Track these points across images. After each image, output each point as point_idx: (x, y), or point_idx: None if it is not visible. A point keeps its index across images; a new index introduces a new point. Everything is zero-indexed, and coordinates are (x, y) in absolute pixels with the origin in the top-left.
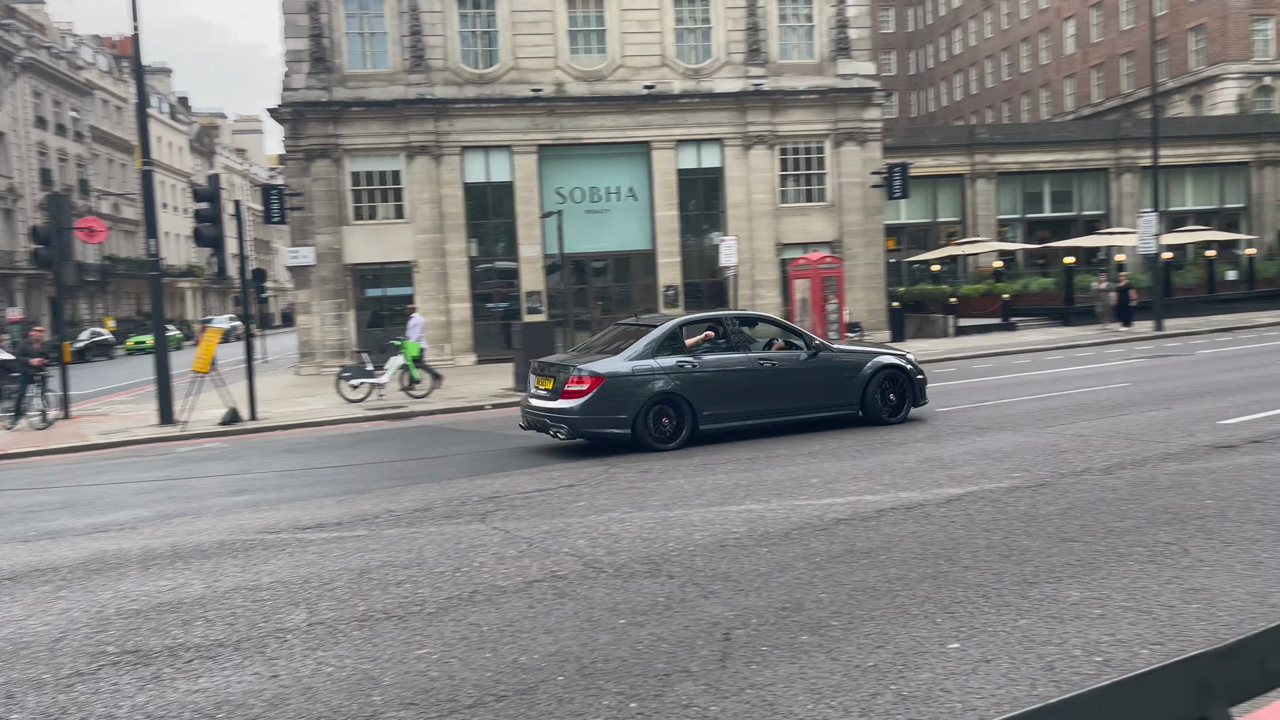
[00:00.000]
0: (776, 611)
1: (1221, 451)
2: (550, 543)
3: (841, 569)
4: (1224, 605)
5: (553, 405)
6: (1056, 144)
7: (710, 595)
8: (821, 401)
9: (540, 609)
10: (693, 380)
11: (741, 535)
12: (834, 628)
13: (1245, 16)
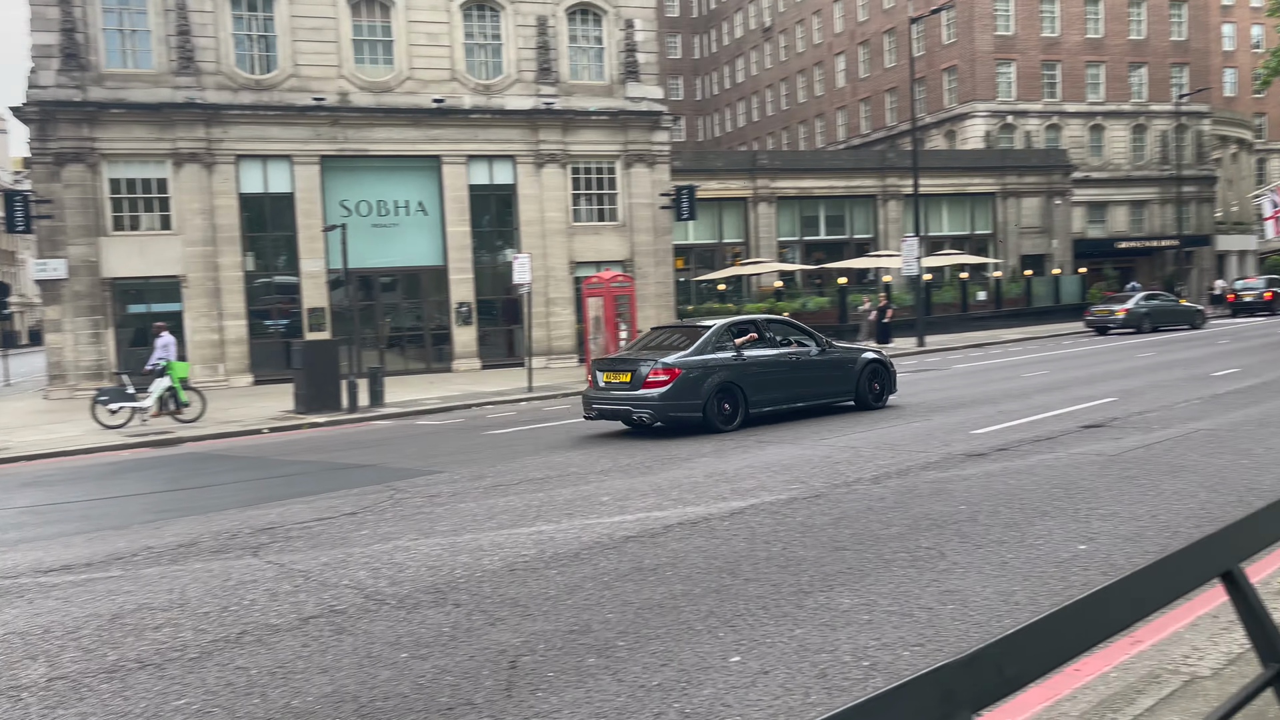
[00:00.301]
0: (564, 635)
1: (974, 459)
2: (329, 575)
3: (629, 587)
4: (976, 605)
5: (636, 394)
6: (830, 171)
7: (497, 622)
8: (829, 389)
9: (316, 647)
10: (744, 372)
11: (531, 558)
12: (620, 648)
13: (991, 60)
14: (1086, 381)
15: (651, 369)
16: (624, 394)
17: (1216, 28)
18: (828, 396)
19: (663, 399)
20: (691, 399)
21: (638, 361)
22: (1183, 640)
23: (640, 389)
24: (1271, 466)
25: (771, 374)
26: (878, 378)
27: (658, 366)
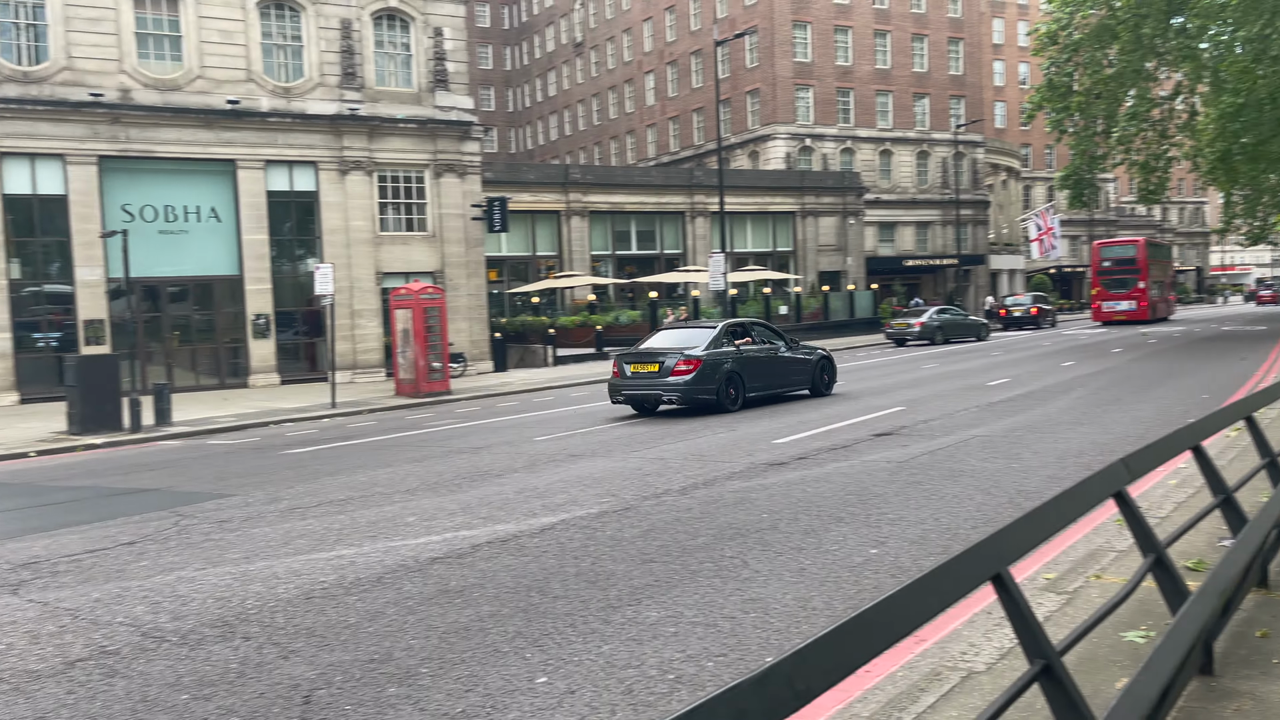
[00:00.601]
0: (363, 665)
1: (775, 468)
2: (101, 613)
3: (435, 611)
4: (776, 612)
5: (665, 380)
6: (641, 187)
7: (291, 655)
8: (796, 380)
9: (83, 693)
10: (744, 364)
11: (330, 584)
12: (424, 675)
13: (790, 85)
14: (878, 392)
15: (679, 360)
16: (652, 380)
17: (989, 64)
18: (794, 386)
19: (687, 384)
20: (709, 385)
21: (664, 354)
22: (961, 637)
23: (669, 376)
24: (1038, 469)
25: (761, 366)
26: (826, 371)
27: (683, 358)
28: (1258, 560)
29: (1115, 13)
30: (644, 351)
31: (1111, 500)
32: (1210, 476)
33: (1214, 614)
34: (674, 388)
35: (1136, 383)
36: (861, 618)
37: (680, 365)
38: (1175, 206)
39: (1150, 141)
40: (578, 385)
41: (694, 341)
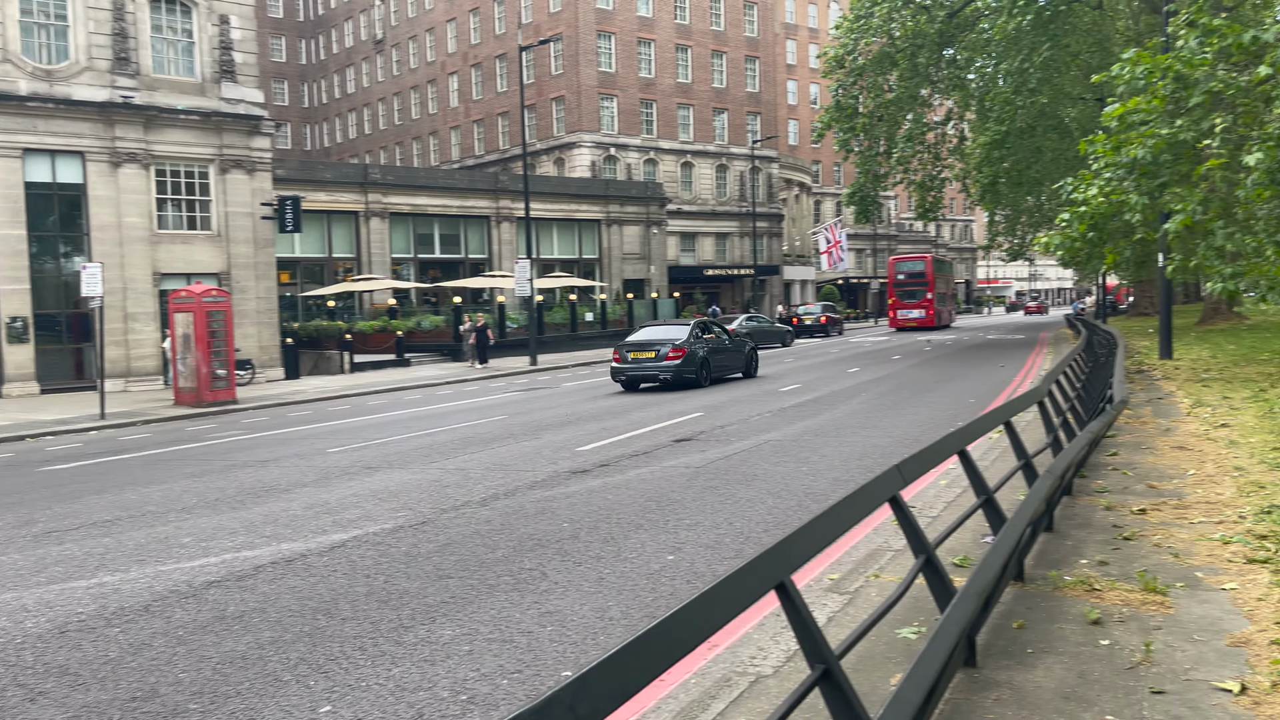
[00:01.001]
0: (124, 704)
1: (578, 476)
2: None
3: (209, 640)
4: (574, 625)
5: (660, 363)
6: (445, 190)
7: (39, 697)
8: (736, 366)
9: None
10: (710, 351)
11: (89, 615)
12: (193, 712)
13: (595, 94)
14: (679, 398)
15: (670, 349)
16: (650, 364)
17: (783, 83)
18: (736, 370)
19: (677, 367)
20: (691, 367)
21: (658, 344)
22: (751, 641)
23: (663, 360)
24: (825, 472)
25: (719, 354)
26: (753, 360)
27: (674, 347)
28: (1015, 556)
29: (895, 42)
30: (641, 343)
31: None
32: (974, 479)
33: (977, 610)
34: (667, 369)
35: (914, 388)
36: (643, 639)
37: (671, 353)
38: (948, 223)
39: (926, 163)
40: (376, 393)
41: (675, 335)
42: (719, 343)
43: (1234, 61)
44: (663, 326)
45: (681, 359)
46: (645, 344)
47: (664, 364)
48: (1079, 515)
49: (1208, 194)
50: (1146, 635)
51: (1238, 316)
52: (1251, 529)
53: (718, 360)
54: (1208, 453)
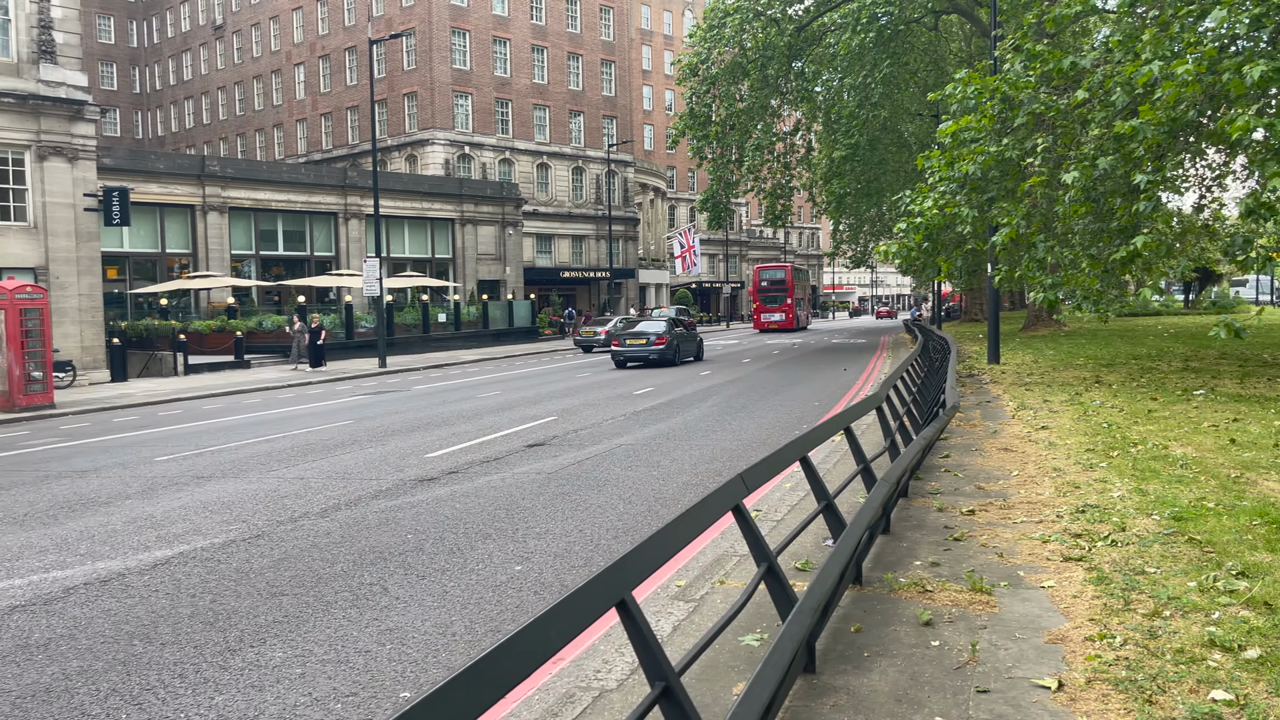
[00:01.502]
0: None
1: (425, 485)
2: None
3: (9, 672)
4: (414, 642)
5: (649, 347)
6: (289, 184)
7: None
8: (691, 351)
9: None
10: (681, 339)
11: None
12: None
13: (449, 91)
14: (533, 401)
15: (657, 337)
16: (641, 348)
17: (638, 89)
18: (690, 354)
19: (661, 350)
20: (670, 351)
21: (647, 334)
22: (597, 653)
23: (652, 345)
24: (675, 475)
25: (685, 341)
26: (701, 346)
27: (659, 336)
28: (853, 561)
29: (746, 53)
30: (635, 333)
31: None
32: (815, 485)
33: (816, 618)
34: (654, 351)
35: (762, 391)
36: (480, 664)
37: (657, 340)
38: (796, 230)
39: (775, 171)
40: (212, 397)
41: (659, 329)
42: (684, 334)
43: (1054, 85)
44: (648, 322)
45: (665, 345)
46: (638, 334)
47: (652, 348)
48: (914, 517)
49: (1030, 209)
50: (973, 635)
51: (1057, 324)
52: (1068, 528)
53: (684, 347)
54: (1030, 454)
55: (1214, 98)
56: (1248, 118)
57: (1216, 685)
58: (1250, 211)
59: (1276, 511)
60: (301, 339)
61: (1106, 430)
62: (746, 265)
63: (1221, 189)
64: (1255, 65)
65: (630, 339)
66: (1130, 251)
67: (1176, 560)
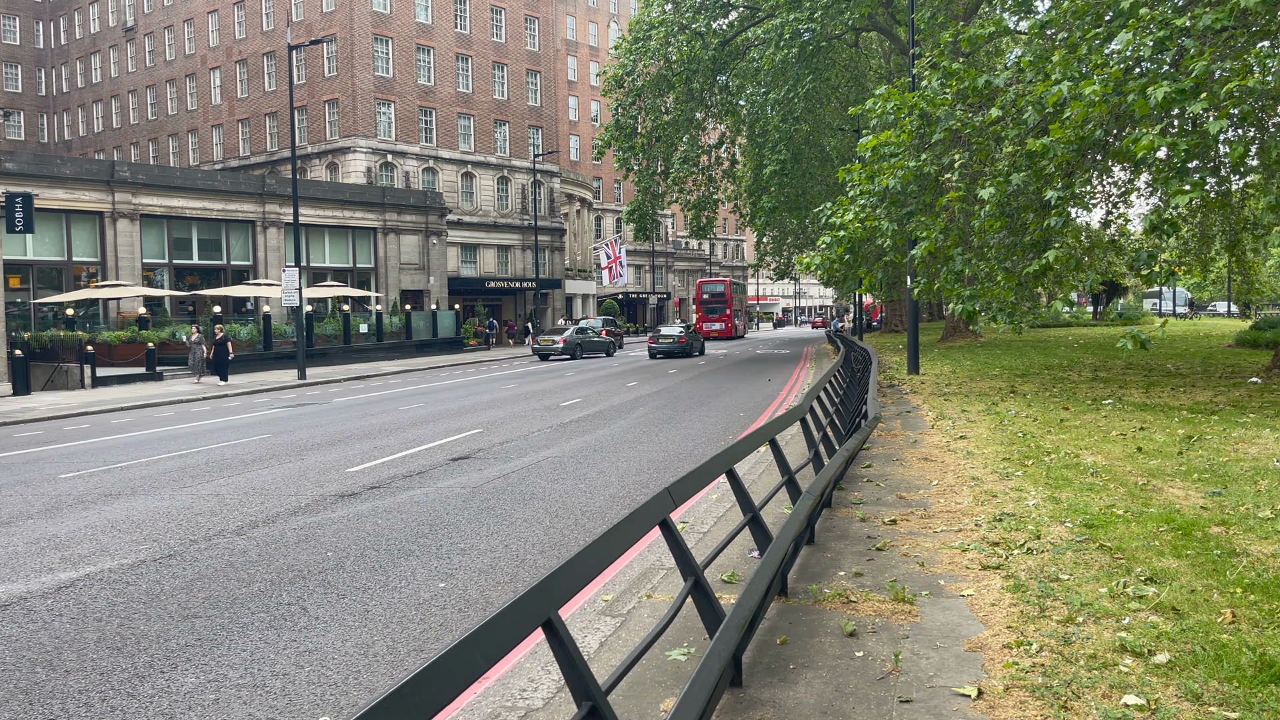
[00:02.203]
0: None
1: (346, 500)
2: None
3: None
4: (334, 663)
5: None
6: (205, 192)
7: None
8: (698, 347)
9: None
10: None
11: None
12: None
13: (371, 99)
14: (458, 413)
15: (679, 336)
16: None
17: (564, 99)
18: (698, 349)
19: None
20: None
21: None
22: (523, 670)
23: (677, 343)
24: (602, 489)
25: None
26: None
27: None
28: (779, 574)
29: (671, 66)
30: (664, 335)
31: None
32: (741, 497)
33: (743, 632)
34: (680, 347)
35: (689, 402)
36: (399, 693)
37: (681, 338)
38: (721, 242)
39: (700, 184)
40: (122, 410)
41: (678, 332)
42: (693, 335)
43: (970, 103)
44: (670, 327)
45: (685, 341)
46: (666, 335)
47: (677, 344)
48: (838, 528)
49: (948, 223)
50: (896, 645)
51: (974, 335)
52: (986, 536)
53: (695, 345)
54: (949, 464)
55: (1120, 117)
56: (1151, 137)
57: (1128, 690)
58: (1154, 227)
59: (1181, 518)
60: (199, 350)
61: (1021, 439)
62: (673, 276)
63: (1127, 205)
64: (1159, 87)
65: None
66: (1042, 265)
67: (1089, 567)
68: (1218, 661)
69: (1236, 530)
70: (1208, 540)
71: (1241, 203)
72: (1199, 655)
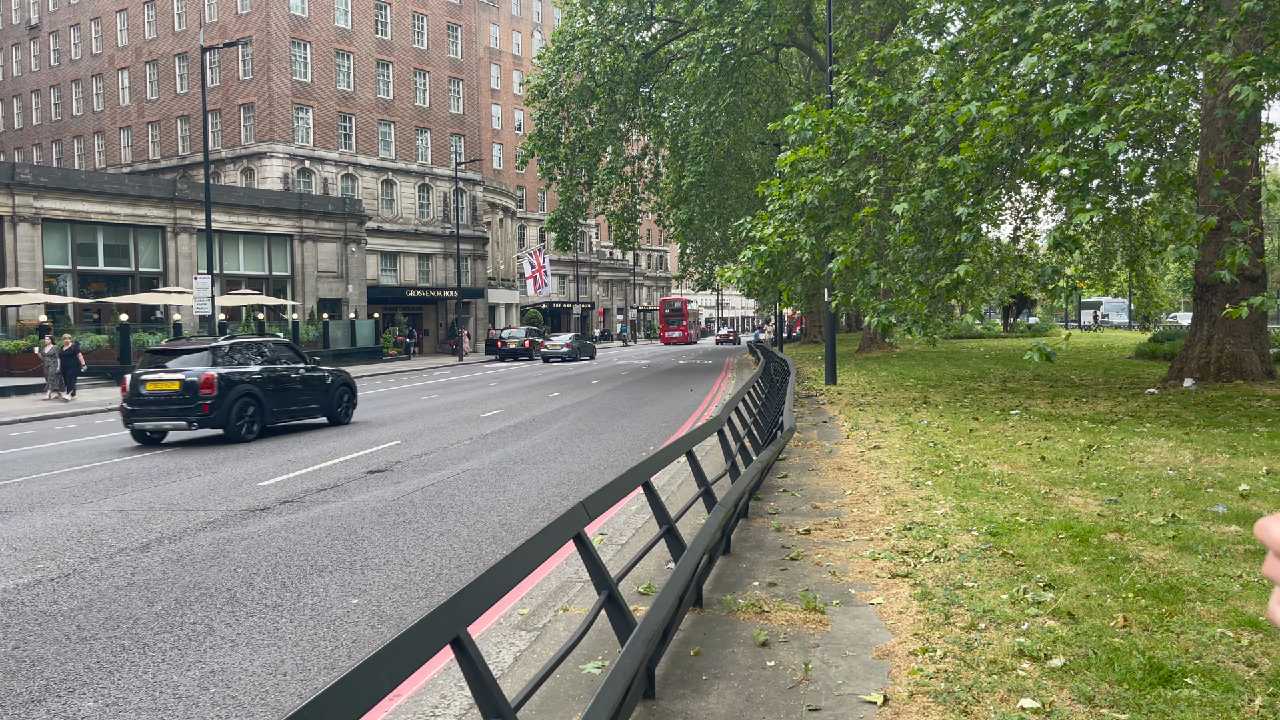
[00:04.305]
0: None
1: (257, 515)
2: None
3: None
4: (241, 684)
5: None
6: (112, 196)
7: None
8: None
9: None
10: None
11: None
12: None
13: (289, 103)
14: (374, 425)
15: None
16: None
17: (487, 107)
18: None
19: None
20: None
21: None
22: (435, 688)
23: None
24: (521, 501)
25: None
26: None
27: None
28: (693, 584)
29: (595, 76)
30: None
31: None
32: (657, 510)
33: (655, 643)
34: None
35: (610, 413)
36: (301, 714)
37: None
38: (645, 253)
39: (624, 194)
40: (20, 422)
41: None
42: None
43: (885, 120)
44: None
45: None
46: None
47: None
48: (753, 537)
49: (864, 237)
50: (807, 654)
51: (890, 346)
52: (896, 545)
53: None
54: (862, 474)
55: (1026, 137)
56: (1055, 157)
57: (1025, 694)
58: (1057, 244)
59: (1080, 526)
60: (53, 363)
61: (932, 449)
62: (597, 286)
63: (1035, 221)
64: (1061, 109)
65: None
66: (954, 279)
67: (992, 574)
68: (1110, 665)
69: (1130, 537)
70: (1103, 547)
71: (1140, 220)
72: (1092, 659)
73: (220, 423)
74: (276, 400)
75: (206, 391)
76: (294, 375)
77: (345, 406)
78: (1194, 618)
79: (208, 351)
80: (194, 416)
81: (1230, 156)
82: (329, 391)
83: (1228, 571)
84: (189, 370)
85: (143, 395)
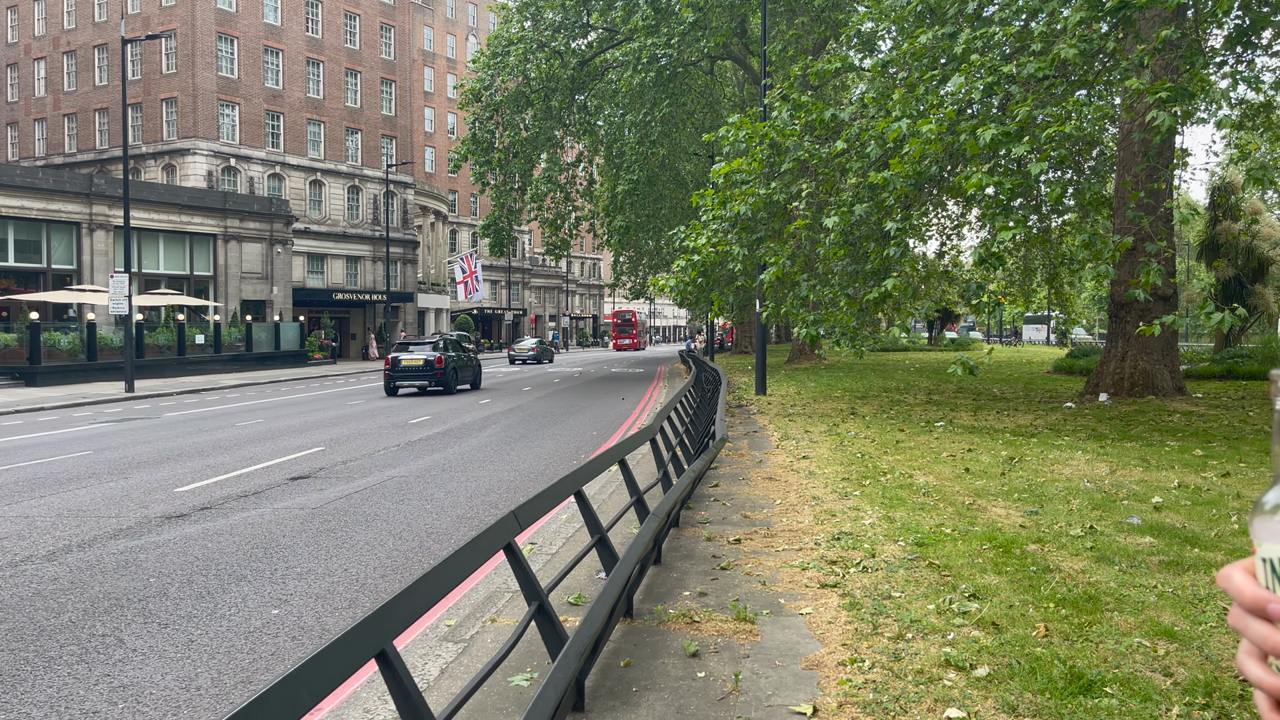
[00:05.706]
0: None
1: (174, 522)
2: None
3: None
4: (152, 699)
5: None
6: (23, 189)
7: None
8: (468, 379)
9: None
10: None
11: None
12: None
13: (214, 99)
14: (299, 430)
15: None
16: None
17: (420, 110)
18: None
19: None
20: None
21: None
22: (359, 700)
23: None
24: (449, 509)
25: (462, 366)
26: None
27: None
28: (624, 595)
29: (530, 82)
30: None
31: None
32: (589, 519)
33: (585, 656)
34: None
35: (541, 420)
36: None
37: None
38: (579, 260)
39: (558, 201)
40: None
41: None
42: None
43: (817, 135)
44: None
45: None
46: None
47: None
48: (684, 547)
49: (795, 250)
50: (737, 665)
51: (819, 357)
52: (825, 555)
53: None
54: (792, 483)
55: (953, 155)
56: (980, 175)
57: (951, 704)
58: (982, 260)
59: (1003, 536)
60: None
61: (860, 460)
62: (530, 293)
63: (960, 238)
64: (987, 129)
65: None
66: (882, 292)
67: (919, 584)
68: (1032, 674)
69: (1051, 547)
70: (1025, 557)
71: (1060, 239)
72: (1015, 668)
73: (443, 383)
74: (459, 374)
75: (439, 365)
76: (464, 359)
77: (478, 379)
78: (1112, 627)
79: (431, 344)
80: (430, 380)
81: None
82: (475, 370)
83: (1143, 582)
84: (427, 354)
85: (400, 368)
